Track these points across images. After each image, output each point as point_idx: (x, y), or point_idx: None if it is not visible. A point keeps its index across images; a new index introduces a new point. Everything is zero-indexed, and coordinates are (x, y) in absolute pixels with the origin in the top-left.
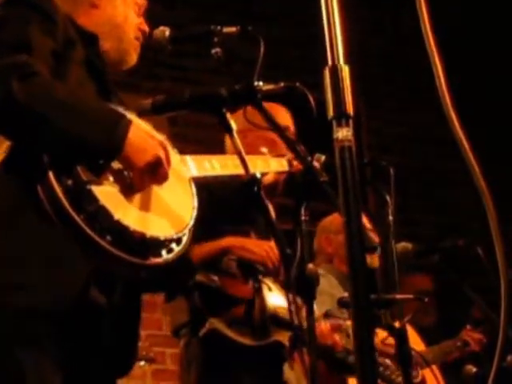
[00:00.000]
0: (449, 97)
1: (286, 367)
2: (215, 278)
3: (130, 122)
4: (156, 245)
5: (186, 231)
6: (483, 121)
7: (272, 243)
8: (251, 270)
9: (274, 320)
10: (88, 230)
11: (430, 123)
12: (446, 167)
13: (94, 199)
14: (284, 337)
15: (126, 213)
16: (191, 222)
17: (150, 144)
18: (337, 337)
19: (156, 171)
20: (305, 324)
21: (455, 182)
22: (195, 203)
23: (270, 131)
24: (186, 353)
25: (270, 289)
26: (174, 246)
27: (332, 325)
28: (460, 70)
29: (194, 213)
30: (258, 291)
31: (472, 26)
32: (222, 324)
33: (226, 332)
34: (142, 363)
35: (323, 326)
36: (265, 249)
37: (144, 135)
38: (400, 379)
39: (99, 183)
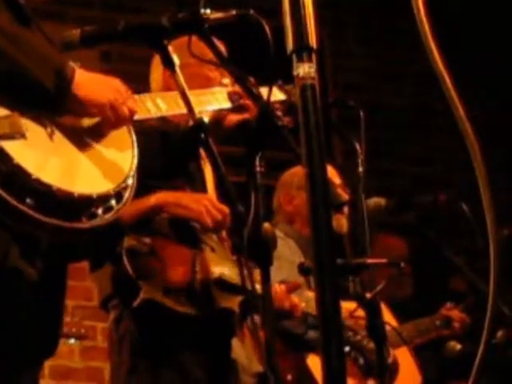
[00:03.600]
0: (428, 24)
1: (234, 342)
2: (147, 240)
3: (73, 68)
4: (88, 204)
5: (127, 184)
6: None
7: (211, 196)
8: (188, 230)
9: (220, 285)
10: (3, 194)
11: (405, 57)
12: (425, 108)
13: (6, 158)
14: (233, 303)
15: (50, 170)
16: (131, 173)
17: (103, 83)
18: (295, 298)
19: (116, 111)
20: (258, 288)
21: (436, 125)
22: (135, 151)
23: (215, 66)
24: (116, 328)
25: (212, 249)
26: (113, 203)
27: (288, 286)
28: None
29: (135, 161)
30: (198, 253)
31: None
32: (157, 293)
33: (163, 301)
34: (72, 341)
35: (278, 288)
36: (203, 203)
37: (91, 75)
38: (372, 345)
39: (18, 137)
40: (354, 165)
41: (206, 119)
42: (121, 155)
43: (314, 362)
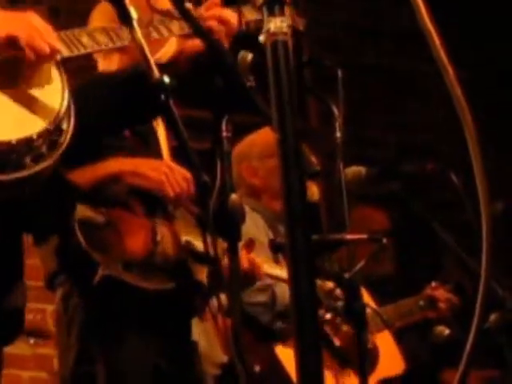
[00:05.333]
0: None
1: (194, 324)
2: (102, 211)
3: None
4: (6, 152)
5: (61, 126)
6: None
7: (172, 163)
8: (148, 199)
9: (186, 253)
10: None
11: (389, 12)
12: (411, 70)
13: None
14: (201, 275)
15: None
16: (62, 109)
17: (14, 19)
18: (254, 257)
19: (33, 47)
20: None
21: (423, 89)
22: (66, 94)
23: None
24: (64, 307)
25: (175, 218)
26: (43, 150)
27: (246, 242)
28: None
29: (65, 102)
30: (159, 222)
31: None
32: (116, 267)
33: (123, 277)
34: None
35: None
36: (163, 171)
37: (2, 12)
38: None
39: None
40: (330, 130)
41: (167, 79)
42: (47, 97)
43: (284, 353)
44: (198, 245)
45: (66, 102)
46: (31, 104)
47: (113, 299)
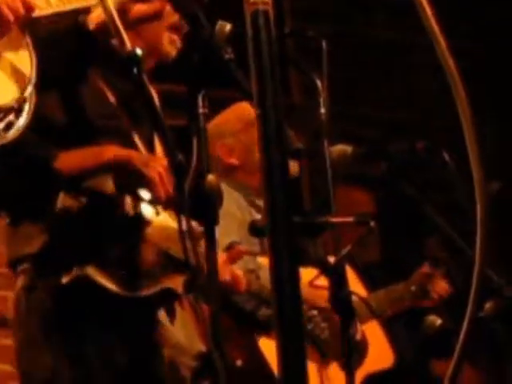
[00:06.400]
0: None
1: (175, 323)
2: (83, 200)
3: None
4: None
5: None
6: None
7: (166, 161)
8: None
9: (165, 260)
10: None
11: None
12: (401, 40)
13: None
14: (176, 282)
15: None
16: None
17: None
18: (237, 270)
19: None
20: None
21: (413, 62)
22: (33, 56)
23: None
24: (25, 298)
25: (157, 213)
26: (11, 117)
27: (229, 254)
28: None
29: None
30: (142, 221)
31: None
32: (91, 267)
33: (96, 278)
34: None
35: (219, 258)
36: (157, 170)
37: None
38: (326, 334)
39: None
40: (315, 105)
41: (139, 51)
42: (17, 60)
43: (268, 345)
44: (178, 250)
45: (34, 70)
46: (7, 71)
47: (81, 299)
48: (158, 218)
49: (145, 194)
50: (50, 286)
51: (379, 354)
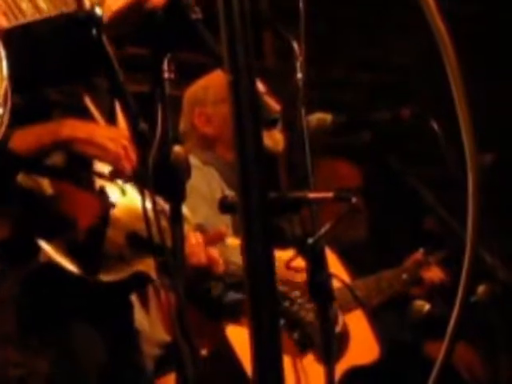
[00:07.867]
0: None
1: (137, 310)
2: (45, 182)
3: None
4: None
5: None
6: None
7: (129, 134)
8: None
9: (133, 241)
10: None
11: None
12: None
13: None
14: (149, 266)
15: None
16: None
17: None
18: (214, 252)
19: None
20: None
21: (398, 22)
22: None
23: None
24: None
25: (123, 192)
26: None
27: (208, 236)
28: None
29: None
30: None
31: None
32: (60, 250)
33: (63, 263)
34: None
35: (193, 238)
36: (122, 143)
37: None
38: (311, 316)
39: None
40: (290, 70)
41: (99, 10)
42: None
43: (236, 334)
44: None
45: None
46: None
47: (50, 286)
48: (124, 198)
49: (102, 167)
50: (17, 274)
51: (363, 346)
